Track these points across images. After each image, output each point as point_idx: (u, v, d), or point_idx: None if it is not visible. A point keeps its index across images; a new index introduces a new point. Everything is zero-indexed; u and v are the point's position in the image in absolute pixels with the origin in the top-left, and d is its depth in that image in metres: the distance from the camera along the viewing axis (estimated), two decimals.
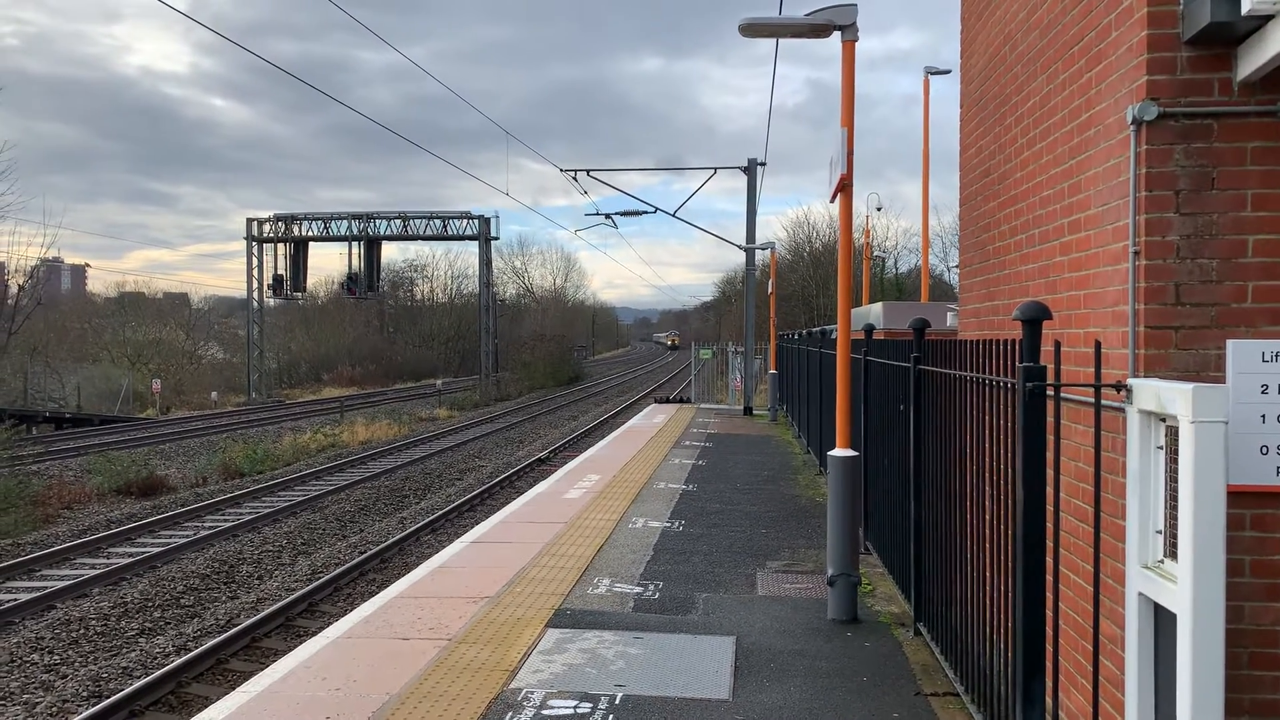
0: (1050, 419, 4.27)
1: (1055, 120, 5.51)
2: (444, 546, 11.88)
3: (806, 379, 18.67)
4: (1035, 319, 4.21)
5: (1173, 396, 3.71)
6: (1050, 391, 4.27)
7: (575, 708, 5.76)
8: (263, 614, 11.47)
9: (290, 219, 54.06)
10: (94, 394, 43.95)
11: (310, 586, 12.71)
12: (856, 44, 7.68)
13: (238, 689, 6.16)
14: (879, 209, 40.84)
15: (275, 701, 5.81)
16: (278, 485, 21.94)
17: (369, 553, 14.73)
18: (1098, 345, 4.24)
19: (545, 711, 5.70)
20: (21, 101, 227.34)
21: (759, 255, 30.16)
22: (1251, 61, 4.06)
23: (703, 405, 31.68)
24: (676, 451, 18.44)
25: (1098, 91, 4.84)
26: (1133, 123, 4.31)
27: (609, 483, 14.35)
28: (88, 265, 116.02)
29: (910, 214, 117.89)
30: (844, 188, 7.72)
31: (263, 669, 7.87)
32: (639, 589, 8.43)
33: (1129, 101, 4.39)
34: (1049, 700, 4.27)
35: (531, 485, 17.60)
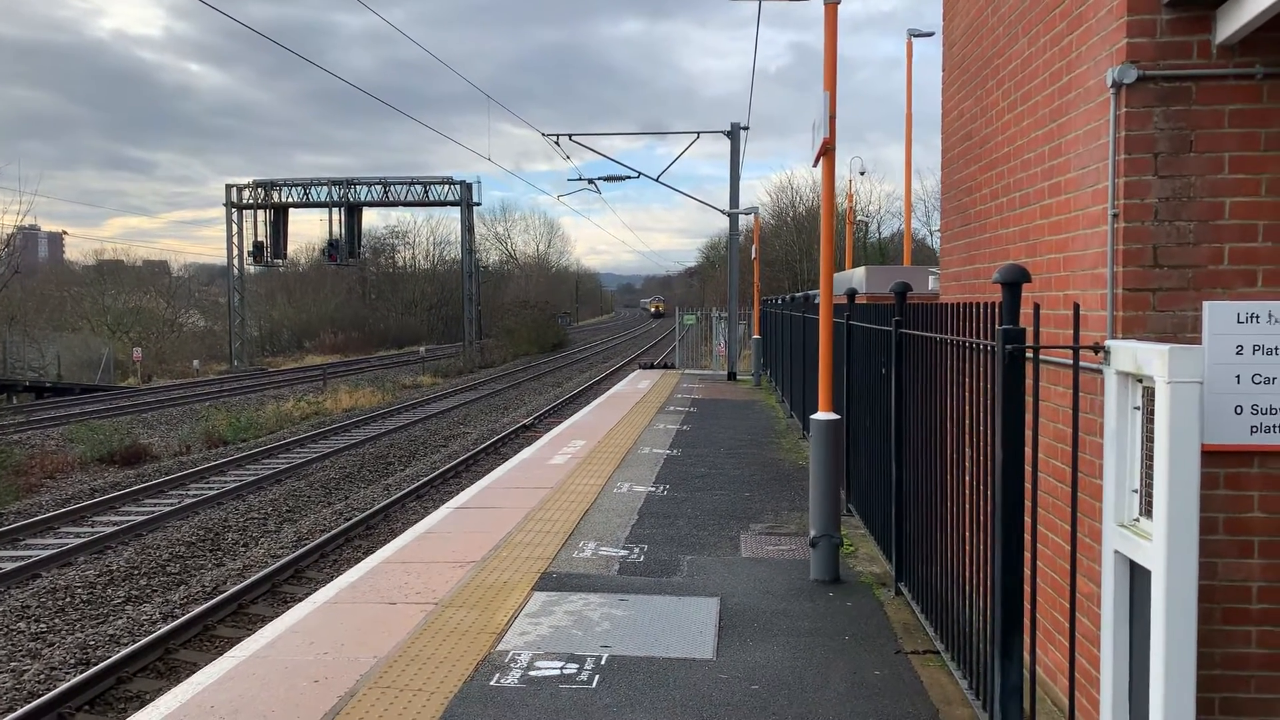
0: (1029, 381, 4.32)
1: (1036, 83, 5.52)
2: (429, 512, 11.93)
3: (790, 344, 18.74)
4: (1015, 282, 4.24)
5: (1149, 358, 3.76)
6: (1029, 354, 4.31)
7: (562, 668, 5.83)
8: (249, 580, 11.51)
9: (270, 185, 53.60)
10: (74, 363, 43.69)
11: (296, 553, 12.74)
12: (839, 7, 7.65)
13: (226, 654, 6.20)
14: (862, 173, 40.77)
15: (264, 665, 5.86)
16: (261, 453, 21.92)
17: (354, 519, 14.77)
18: (1076, 307, 4.28)
19: (532, 672, 5.77)
20: None
21: (742, 220, 30.15)
22: (1230, 24, 4.08)
23: (687, 371, 31.75)
24: (661, 417, 18.51)
25: (1078, 54, 4.85)
26: (1112, 85, 4.33)
27: (594, 448, 14.41)
28: (65, 233, 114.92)
29: (893, 178, 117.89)
30: (826, 152, 7.72)
31: (250, 635, 7.92)
32: (624, 552, 8.51)
33: (1109, 64, 4.41)
34: (1027, 656, 4.35)
35: (516, 452, 17.65)
